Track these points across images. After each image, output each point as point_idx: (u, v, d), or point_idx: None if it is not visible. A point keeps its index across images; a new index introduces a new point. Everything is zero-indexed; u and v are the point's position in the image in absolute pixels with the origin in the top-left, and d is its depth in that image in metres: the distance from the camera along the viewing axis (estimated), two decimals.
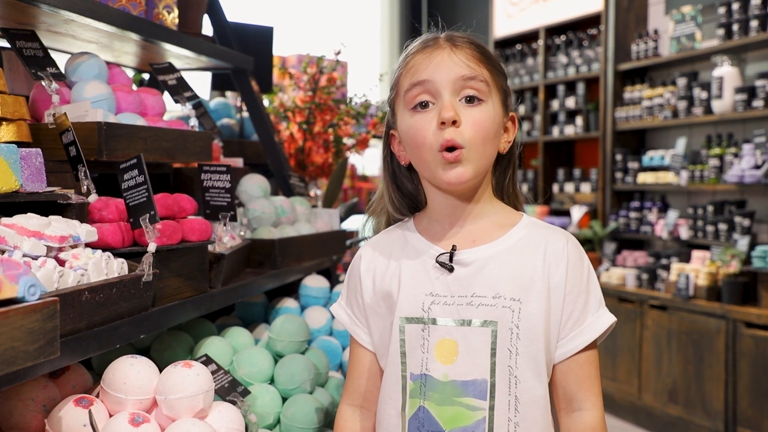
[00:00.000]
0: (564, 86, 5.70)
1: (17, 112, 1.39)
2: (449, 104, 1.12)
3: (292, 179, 2.35)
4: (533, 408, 1.13)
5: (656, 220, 4.90)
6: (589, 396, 1.16)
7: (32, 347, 0.90)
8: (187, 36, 1.98)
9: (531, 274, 1.15)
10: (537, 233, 1.20)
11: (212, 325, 1.78)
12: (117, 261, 1.24)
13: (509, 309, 1.13)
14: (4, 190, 1.16)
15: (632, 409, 4.62)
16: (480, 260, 1.16)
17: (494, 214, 1.22)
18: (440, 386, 1.13)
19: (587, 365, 1.17)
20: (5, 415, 1.14)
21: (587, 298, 1.17)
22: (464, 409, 1.12)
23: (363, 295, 1.25)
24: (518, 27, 6.08)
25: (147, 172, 1.28)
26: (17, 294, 0.89)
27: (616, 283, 4.83)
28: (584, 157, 5.86)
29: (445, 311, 1.15)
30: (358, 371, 1.27)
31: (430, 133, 1.13)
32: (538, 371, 1.13)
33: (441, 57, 1.15)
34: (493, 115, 1.16)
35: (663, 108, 4.83)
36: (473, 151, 1.13)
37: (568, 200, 5.63)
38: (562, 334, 1.16)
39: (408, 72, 1.18)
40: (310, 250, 2.08)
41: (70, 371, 1.27)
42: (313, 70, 2.89)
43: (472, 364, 1.13)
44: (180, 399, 1.16)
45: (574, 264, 1.17)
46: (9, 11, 1.51)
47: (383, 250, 1.26)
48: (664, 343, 4.40)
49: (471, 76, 1.14)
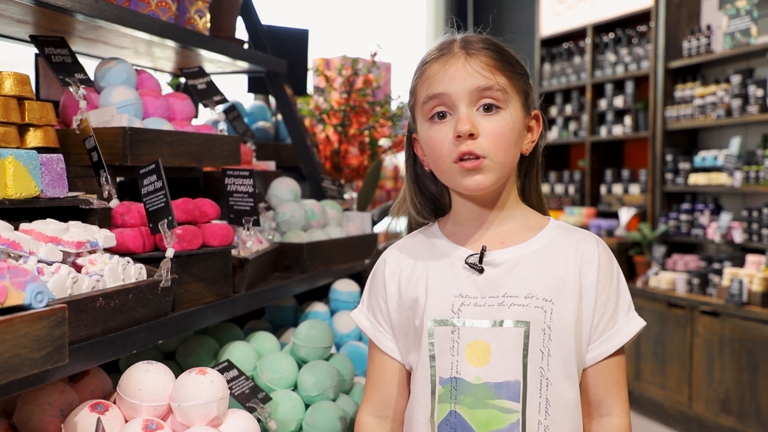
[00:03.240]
0: (612, 85, 5.56)
1: (44, 117, 1.41)
2: (465, 117, 1.10)
3: (325, 182, 2.34)
4: (563, 411, 1.11)
5: (708, 223, 4.74)
6: (618, 402, 1.15)
7: (38, 354, 0.90)
8: (217, 40, 1.99)
9: (562, 275, 1.13)
10: (566, 236, 1.18)
11: (239, 329, 1.78)
12: (135, 266, 1.24)
13: (542, 309, 1.11)
14: (23, 196, 1.17)
15: (683, 418, 4.48)
16: (511, 260, 1.15)
17: (521, 217, 1.20)
18: (472, 389, 1.11)
19: (616, 370, 1.16)
20: (23, 419, 1.15)
21: (617, 301, 1.16)
22: (498, 411, 1.10)
23: (388, 300, 1.23)
24: (565, 25, 5.96)
25: (165, 178, 1.28)
26: (24, 301, 0.90)
27: (665, 287, 4.69)
28: (633, 157, 5.72)
29: (476, 312, 1.13)
30: (382, 379, 1.24)
31: (446, 144, 1.11)
32: (569, 373, 1.11)
33: (456, 68, 1.12)
34: (513, 121, 1.13)
35: (716, 106, 4.66)
36: (494, 160, 1.11)
37: (616, 202, 5.50)
38: (593, 338, 1.14)
39: (424, 82, 1.16)
40: (340, 254, 2.06)
41: (89, 376, 1.27)
42: (348, 72, 2.87)
43: (505, 366, 1.11)
44: (193, 406, 1.16)
45: (605, 267, 1.15)
46: (41, 19, 1.54)
47: (409, 254, 1.24)
48: (716, 350, 4.24)
49: (487, 86, 1.11)
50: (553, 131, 6.13)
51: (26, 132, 1.38)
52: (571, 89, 5.99)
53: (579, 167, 6.00)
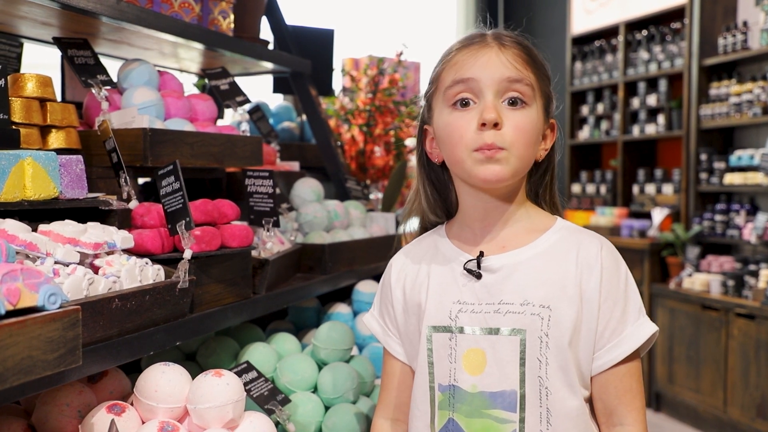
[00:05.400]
0: (645, 83, 5.46)
1: (66, 119, 1.42)
2: (492, 105, 1.08)
3: (349, 183, 2.33)
4: (566, 421, 1.07)
5: (744, 224, 4.62)
6: (631, 411, 1.11)
7: (51, 356, 0.90)
8: (240, 40, 1.98)
9: (562, 280, 1.09)
10: (569, 238, 1.14)
11: (260, 330, 1.77)
12: (153, 267, 1.24)
13: (538, 316, 1.08)
14: (42, 197, 1.18)
15: (717, 422, 4.38)
16: (508, 266, 1.12)
17: (527, 219, 1.17)
18: (468, 397, 1.10)
19: (628, 378, 1.11)
20: (41, 419, 1.16)
21: (625, 306, 1.10)
22: (493, 421, 1.08)
23: (394, 305, 1.23)
24: (597, 23, 5.88)
25: (183, 179, 1.28)
26: (37, 303, 0.90)
27: (699, 289, 4.59)
28: (666, 156, 5.60)
29: (473, 319, 1.11)
30: (393, 383, 1.25)
31: (468, 131, 1.09)
32: (570, 382, 1.08)
33: (488, 56, 1.10)
34: (536, 120, 1.11)
35: (752, 104, 4.55)
36: (514, 154, 1.08)
37: (649, 202, 5.39)
38: (599, 345, 1.10)
39: (451, 68, 1.13)
40: (363, 255, 2.05)
41: (108, 377, 1.28)
42: (374, 72, 2.85)
43: (501, 375, 1.08)
44: (209, 408, 1.15)
45: (609, 271, 1.10)
46: (64, 21, 1.55)
47: (414, 258, 1.23)
48: (752, 354, 4.14)
49: (517, 78, 1.09)
50: (584, 130, 6.05)
51: (48, 133, 1.39)
52: (603, 88, 5.89)
53: (611, 167, 5.90)
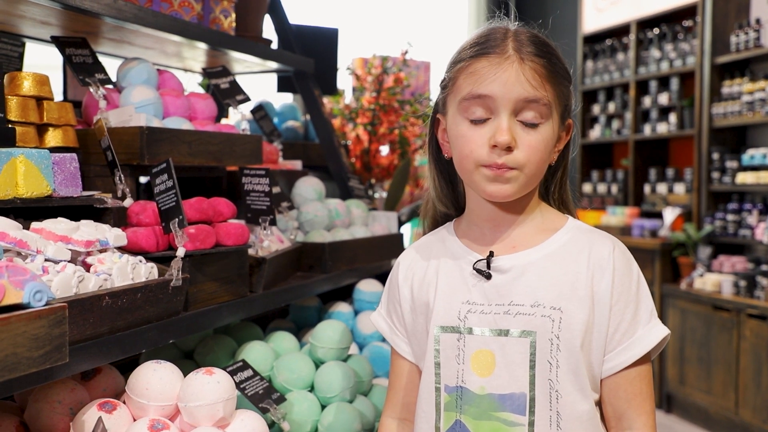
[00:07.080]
0: (657, 82, 5.41)
1: (63, 117, 1.43)
2: (506, 127, 1.04)
3: (352, 181, 2.32)
4: (576, 425, 1.06)
5: (757, 223, 4.56)
6: (640, 415, 1.09)
7: (37, 353, 0.90)
8: (240, 39, 1.98)
9: (573, 281, 1.08)
10: (581, 238, 1.12)
11: (258, 329, 1.77)
12: (146, 266, 1.24)
13: (549, 318, 1.06)
14: (35, 195, 1.18)
15: (729, 424, 4.33)
16: (519, 267, 1.10)
17: (538, 218, 1.15)
18: (477, 399, 1.08)
19: (638, 381, 1.09)
20: (33, 416, 1.16)
21: (636, 309, 1.09)
22: (502, 424, 1.07)
23: (402, 303, 1.21)
24: (608, 21, 5.83)
25: (176, 177, 1.28)
26: (22, 300, 0.90)
27: (710, 289, 4.54)
28: (678, 156, 5.55)
29: (482, 320, 1.09)
30: (400, 383, 1.24)
31: (479, 147, 1.06)
32: (581, 385, 1.06)
33: (508, 73, 1.05)
34: (550, 135, 1.08)
35: (765, 103, 4.49)
36: (524, 173, 1.06)
37: (661, 201, 5.35)
38: (609, 348, 1.08)
39: (469, 76, 1.08)
40: (364, 254, 2.04)
41: (101, 374, 1.28)
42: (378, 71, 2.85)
43: (510, 377, 1.07)
44: (199, 407, 1.15)
45: (621, 272, 1.09)
46: (63, 20, 1.55)
47: (422, 256, 1.21)
48: (764, 355, 4.09)
49: (535, 98, 1.05)
50: (595, 129, 6.01)
51: (45, 132, 1.40)
52: (614, 86, 5.85)
53: (622, 166, 5.85)
